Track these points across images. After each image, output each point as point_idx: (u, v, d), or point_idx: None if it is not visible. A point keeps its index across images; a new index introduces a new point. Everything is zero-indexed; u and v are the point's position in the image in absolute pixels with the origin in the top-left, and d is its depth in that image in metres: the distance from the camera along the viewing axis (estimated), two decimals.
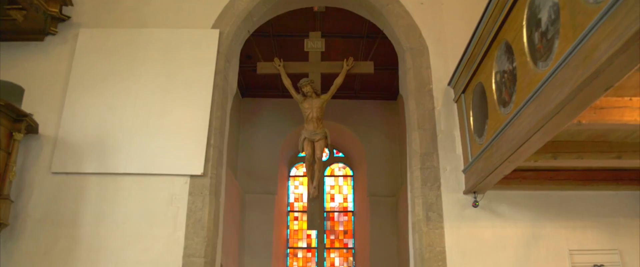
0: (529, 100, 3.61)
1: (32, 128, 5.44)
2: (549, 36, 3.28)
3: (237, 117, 10.40)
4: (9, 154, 5.13)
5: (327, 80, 6.98)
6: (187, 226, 5.25)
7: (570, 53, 2.94)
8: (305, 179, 8.78)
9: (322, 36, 7.23)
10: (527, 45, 3.65)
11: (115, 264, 5.18)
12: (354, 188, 11.62)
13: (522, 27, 3.71)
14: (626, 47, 2.45)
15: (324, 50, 6.89)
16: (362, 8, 6.46)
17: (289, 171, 11.67)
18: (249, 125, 10.87)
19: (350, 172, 11.78)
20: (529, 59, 3.62)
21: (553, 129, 3.54)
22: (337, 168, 11.86)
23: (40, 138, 5.59)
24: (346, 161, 11.84)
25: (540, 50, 3.42)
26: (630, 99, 3.54)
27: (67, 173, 5.48)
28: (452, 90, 5.75)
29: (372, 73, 6.96)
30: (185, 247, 5.17)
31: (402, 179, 9.44)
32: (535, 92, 3.49)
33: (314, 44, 6.81)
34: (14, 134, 5.17)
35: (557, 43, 3.17)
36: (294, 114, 8.65)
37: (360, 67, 6.87)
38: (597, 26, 2.66)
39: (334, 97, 7.04)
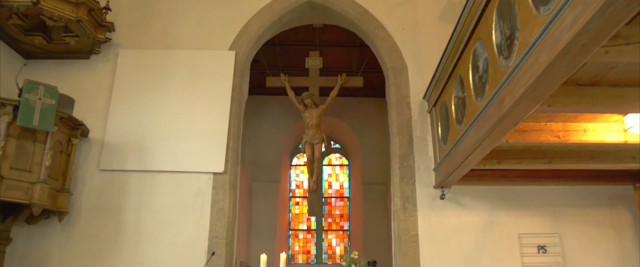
0: (471, 124, 4.84)
1: (84, 133, 6.66)
2: (483, 80, 4.50)
3: (244, 113, 11.49)
4: (68, 155, 6.36)
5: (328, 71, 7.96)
6: (211, 213, 6.49)
7: (492, 98, 4.17)
8: (305, 168, 9.96)
9: (320, 45, 8.37)
10: (472, 82, 4.87)
11: (154, 245, 6.41)
12: (349, 176, 12.72)
13: (468, 68, 4.92)
14: (519, 101, 3.68)
15: (322, 66, 8.06)
16: (354, 29, 7.64)
17: (291, 161, 12.80)
18: (254, 120, 11.91)
19: (346, 162, 12.90)
20: (472, 93, 4.84)
21: (488, 147, 4.77)
22: (335, 158, 12.96)
23: (90, 141, 6.79)
24: (342, 152, 12.96)
25: (478, 88, 4.64)
26: (546, 124, 4.78)
27: (112, 170, 6.69)
28: (426, 103, 6.95)
29: (361, 86, 8.12)
30: (210, 231, 6.43)
31: None
32: (475, 119, 4.71)
33: (314, 62, 8.02)
34: (72, 139, 6.40)
35: (487, 86, 4.39)
36: (294, 110, 9.54)
37: (351, 81, 8.09)
38: (505, 83, 3.88)
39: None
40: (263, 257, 5.08)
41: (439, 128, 6.39)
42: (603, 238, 6.57)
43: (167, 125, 6.82)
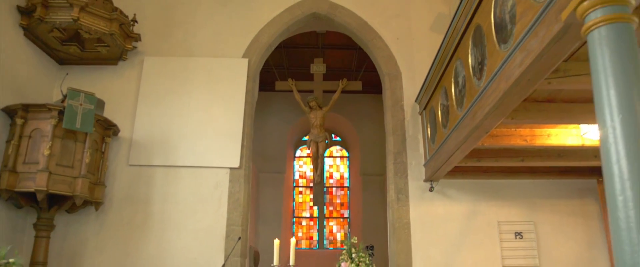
0: (453, 129, 5.70)
1: (115, 132, 7.52)
2: (462, 94, 5.36)
3: None
4: (103, 152, 7.23)
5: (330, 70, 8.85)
6: (228, 203, 7.38)
7: (468, 110, 5.04)
8: (308, 159, 10.85)
9: (323, 47, 9.20)
10: (454, 94, 5.73)
11: (178, 231, 7.30)
12: (349, 167, 13.61)
13: (451, 81, 5.78)
14: (487, 116, 4.55)
15: (325, 72, 8.93)
16: (355, 38, 8.49)
17: (295, 153, 13.69)
18: (261, 115, 12.60)
19: (346, 154, 13.79)
20: (454, 103, 5.70)
21: (467, 149, 5.64)
22: (335, 150, 13.84)
23: (120, 140, 7.65)
24: (343, 144, 13.84)
25: (459, 100, 5.51)
26: (515, 129, 5.66)
27: (140, 165, 7.56)
28: (418, 106, 7.82)
29: (361, 89, 9.00)
30: (228, 219, 7.32)
31: None
32: (456, 125, 5.58)
33: (318, 68, 8.89)
34: (105, 138, 7.27)
35: (465, 99, 5.26)
36: (298, 106, 10.25)
37: (351, 85, 8.96)
38: (477, 100, 4.75)
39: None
40: (276, 242, 5.93)
41: (428, 129, 7.26)
42: (572, 225, 7.47)
43: (188, 125, 7.67)
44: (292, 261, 5.79)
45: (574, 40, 2.98)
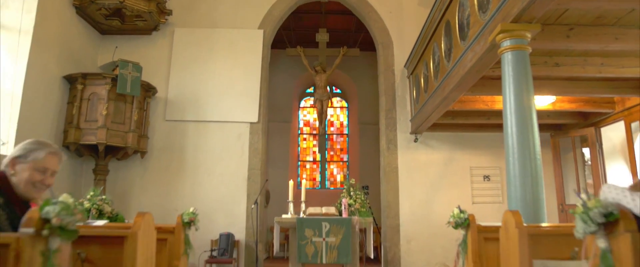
0: (431, 95, 7.21)
1: (154, 93, 9.01)
2: (438, 69, 6.84)
3: None
4: (145, 110, 8.75)
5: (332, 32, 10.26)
6: (249, 152, 8.97)
7: (441, 83, 6.54)
8: (312, 110, 12.26)
9: (326, 13, 10.52)
10: (432, 68, 7.21)
11: (208, 175, 8.91)
12: (348, 116, 15.01)
13: (430, 58, 7.25)
14: (453, 90, 6.05)
15: (328, 40, 10.31)
16: (354, 11, 9.84)
17: (299, 104, 15.09)
18: (270, 70, 14.01)
19: (345, 104, 15.21)
20: (432, 74, 7.19)
21: (442, 111, 7.18)
22: (336, 101, 15.21)
23: (157, 99, 9.16)
24: (343, 96, 15.21)
25: (435, 73, 6.99)
26: (479, 96, 7.18)
27: (175, 120, 9.09)
28: (406, 70, 9.28)
29: (358, 55, 10.41)
30: (249, 164, 8.93)
31: None
32: (433, 92, 7.08)
33: (322, 36, 10.26)
34: (146, 98, 8.77)
35: (439, 74, 6.74)
36: (302, 62, 11.60)
37: (351, 52, 10.38)
38: (446, 77, 6.24)
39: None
40: (291, 182, 7.50)
41: (414, 91, 8.76)
42: None
43: (214, 86, 9.14)
44: (303, 198, 7.39)
45: (495, 56, 4.48)
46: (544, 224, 3.65)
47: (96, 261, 2.45)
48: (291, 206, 7.05)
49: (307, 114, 15.02)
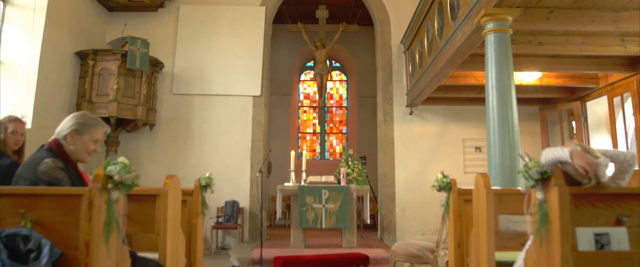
0: (425, 70, 7.63)
1: (161, 68, 9.42)
2: (431, 46, 7.25)
3: None
4: (153, 84, 9.18)
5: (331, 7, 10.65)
6: (252, 124, 9.42)
7: (434, 59, 6.97)
8: (312, 83, 12.68)
9: None
10: (426, 44, 7.61)
11: (214, 145, 9.38)
12: (347, 90, 15.42)
13: (425, 35, 7.65)
14: (444, 66, 6.48)
15: (328, 17, 10.67)
16: None
17: (300, 77, 15.48)
18: (272, 45, 14.33)
19: (344, 78, 15.59)
20: (426, 51, 7.60)
21: (435, 85, 7.61)
22: (335, 74, 15.61)
23: (164, 73, 9.57)
24: (342, 70, 15.61)
25: (429, 49, 7.40)
26: (470, 72, 7.60)
27: (181, 94, 9.52)
28: (402, 46, 9.68)
29: (356, 31, 10.79)
30: (252, 136, 9.39)
31: None
32: (427, 68, 7.51)
33: (322, 13, 10.63)
34: (154, 73, 9.19)
35: (432, 51, 7.16)
36: (302, 36, 11.96)
37: (350, 28, 10.75)
38: (438, 54, 6.66)
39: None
40: (292, 153, 8.01)
41: (410, 66, 9.17)
42: (521, 141, 9.53)
43: (219, 61, 9.54)
44: (304, 167, 7.89)
45: (481, 37, 4.90)
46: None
47: (133, 216, 2.93)
48: (293, 175, 7.55)
49: (307, 87, 15.40)
